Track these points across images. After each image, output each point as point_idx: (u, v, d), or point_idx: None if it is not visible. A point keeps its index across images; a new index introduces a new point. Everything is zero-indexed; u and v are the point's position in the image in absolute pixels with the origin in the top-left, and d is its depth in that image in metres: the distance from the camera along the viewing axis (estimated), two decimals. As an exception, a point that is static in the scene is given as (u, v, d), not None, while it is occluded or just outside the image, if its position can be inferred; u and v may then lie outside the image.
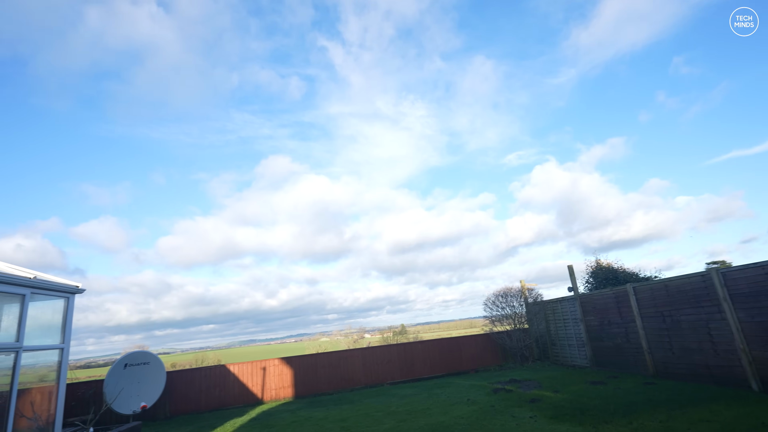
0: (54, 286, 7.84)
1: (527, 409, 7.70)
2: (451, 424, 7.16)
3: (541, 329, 14.50)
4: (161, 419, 11.11)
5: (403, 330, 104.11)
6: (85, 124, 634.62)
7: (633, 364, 10.38)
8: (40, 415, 7.58)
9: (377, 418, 8.29)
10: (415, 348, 14.29)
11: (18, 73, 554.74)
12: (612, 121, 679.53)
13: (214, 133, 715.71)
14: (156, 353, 11.26)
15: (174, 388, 11.61)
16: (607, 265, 12.70)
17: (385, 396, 10.91)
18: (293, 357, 13.17)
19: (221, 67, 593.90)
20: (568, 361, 13.22)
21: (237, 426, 9.05)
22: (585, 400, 7.82)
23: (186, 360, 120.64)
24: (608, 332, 11.29)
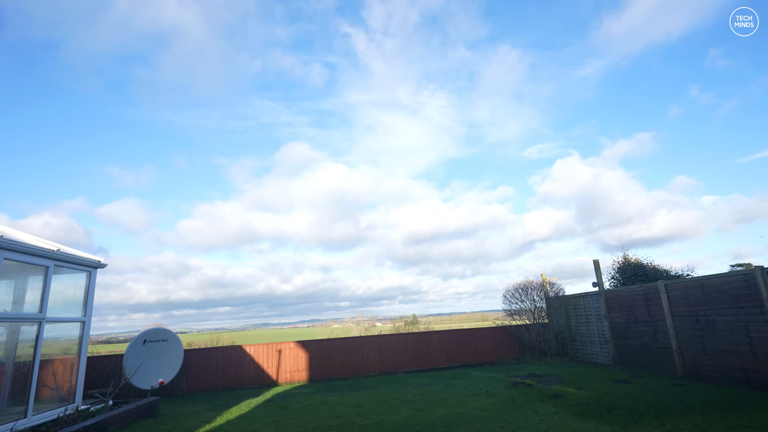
0: (77, 259, 7.87)
1: (550, 404, 7.43)
2: (470, 416, 6.96)
3: (561, 324, 14.13)
4: (178, 396, 11.25)
5: (414, 320, 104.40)
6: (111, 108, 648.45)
7: (660, 364, 9.97)
8: (62, 386, 7.68)
9: (394, 406, 8.16)
10: (431, 338, 14.11)
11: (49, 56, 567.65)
12: (640, 116, 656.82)
13: (234, 119, 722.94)
14: (174, 332, 11.35)
15: (191, 366, 11.72)
16: (635, 261, 12.21)
17: (401, 384, 10.79)
18: (308, 341, 13.15)
19: (245, 52, 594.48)
20: (589, 358, 12.85)
21: (253, 406, 9.05)
22: (611, 399, 7.51)
23: (202, 340, 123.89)
24: (634, 330, 10.87)
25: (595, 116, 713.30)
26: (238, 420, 7.85)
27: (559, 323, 14.19)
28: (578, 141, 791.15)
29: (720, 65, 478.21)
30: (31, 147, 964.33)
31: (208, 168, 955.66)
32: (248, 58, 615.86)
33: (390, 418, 7.23)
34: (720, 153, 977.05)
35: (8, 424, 6.07)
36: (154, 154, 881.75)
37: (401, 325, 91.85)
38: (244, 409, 8.77)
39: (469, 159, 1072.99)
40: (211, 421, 7.82)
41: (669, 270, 11.56)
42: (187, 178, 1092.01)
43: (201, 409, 9.05)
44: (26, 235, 7.44)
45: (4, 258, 6.32)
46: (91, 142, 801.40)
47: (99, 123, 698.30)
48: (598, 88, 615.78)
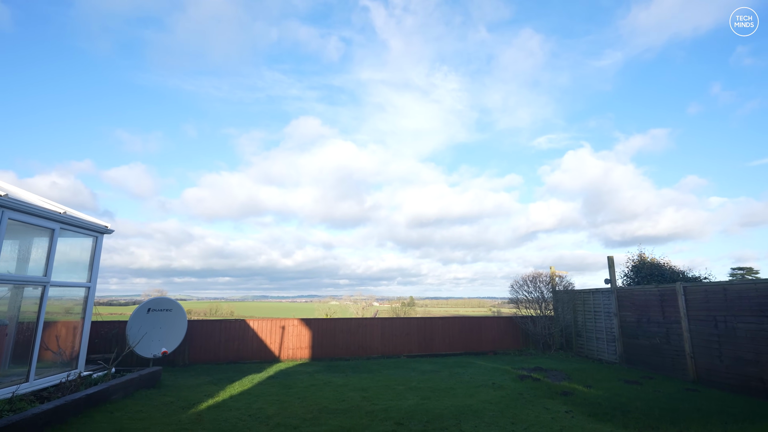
0: (83, 223, 7.63)
1: (560, 402, 7.27)
2: (479, 409, 6.81)
3: (568, 319, 13.96)
4: (180, 366, 11.21)
5: (411, 302, 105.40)
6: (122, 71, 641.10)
7: (670, 367, 9.78)
8: (65, 350, 7.55)
9: (399, 392, 8.02)
10: (435, 324, 13.99)
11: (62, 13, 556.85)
12: (658, 111, 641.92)
13: (244, 89, 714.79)
14: (173, 299, 11.23)
15: (194, 337, 11.65)
16: (651, 260, 11.90)
17: (405, 369, 10.68)
18: (312, 319, 13.04)
19: (262, 20, 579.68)
20: (594, 354, 12.71)
21: (255, 382, 8.95)
22: (624, 400, 7.33)
23: (201, 308, 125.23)
24: (645, 330, 10.66)
25: (613, 108, 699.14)
26: (242, 396, 7.74)
27: (566, 317, 14.02)
28: (592, 133, 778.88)
29: (746, 64, 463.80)
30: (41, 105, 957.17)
31: (216, 138, 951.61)
32: (265, 27, 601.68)
33: (396, 404, 7.09)
34: (734, 154, 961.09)
35: (10, 387, 5.94)
36: (164, 120, 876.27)
37: (398, 307, 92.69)
38: (247, 385, 8.67)
39: (477, 145, 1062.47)
40: (215, 395, 7.72)
41: (686, 271, 11.26)
42: (196, 147, 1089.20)
43: (204, 382, 8.97)
44: (33, 196, 7.18)
45: (9, 218, 6.06)
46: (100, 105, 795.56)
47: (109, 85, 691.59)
48: (617, 80, 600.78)
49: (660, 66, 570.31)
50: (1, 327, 6.94)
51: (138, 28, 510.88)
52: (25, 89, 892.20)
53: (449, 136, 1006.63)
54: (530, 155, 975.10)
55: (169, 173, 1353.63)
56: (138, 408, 6.71)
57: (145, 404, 6.96)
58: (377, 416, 6.41)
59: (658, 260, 11.86)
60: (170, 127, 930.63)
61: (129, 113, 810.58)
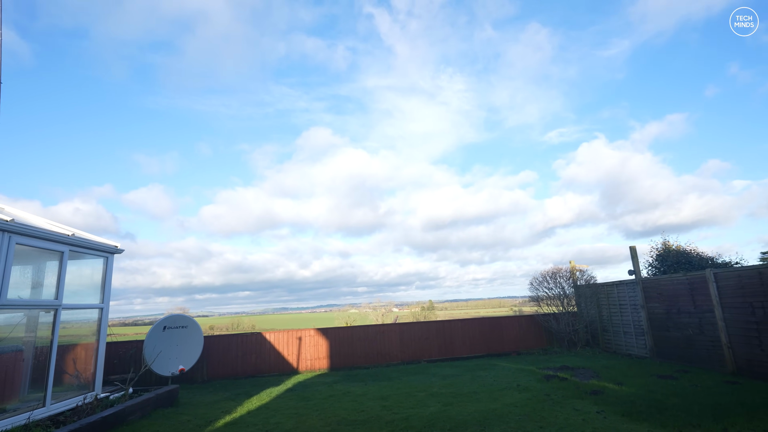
0: (92, 244, 7.62)
1: (590, 402, 6.88)
2: (504, 413, 6.48)
3: (592, 314, 13.45)
4: (199, 382, 11.13)
5: (431, 306, 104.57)
6: (135, 96, 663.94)
7: (706, 359, 9.26)
8: (81, 373, 7.52)
9: (420, 399, 7.75)
10: (454, 326, 13.64)
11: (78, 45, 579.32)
12: (673, 96, 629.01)
13: (253, 105, 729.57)
14: (195, 316, 11.19)
15: (211, 353, 11.58)
16: (677, 247, 11.37)
17: (425, 375, 10.38)
18: (329, 328, 12.86)
19: (269, 35, 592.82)
20: (623, 349, 12.18)
21: (273, 396, 8.79)
22: (659, 397, 6.91)
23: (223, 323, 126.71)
24: (676, 321, 10.15)
25: (626, 97, 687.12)
26: (259, 411, 7.57)
27: (590, 312, 13.52)
28: (605, 124, 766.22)
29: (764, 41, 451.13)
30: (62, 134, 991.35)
31: (230, 154, 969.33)
32: (272, 42, 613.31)
33: (417, 412, 6.82)
34: (757, 135, 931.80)
35: (24, 413, 5.89)
36: (178, 141, 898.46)
37: (418, 311, 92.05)
38: (265, 399, 8.51)
39: (487, 144, 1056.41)
40: (232, 411, 7.57)
41: (714, 258, 10.71)
42: (210, 165, 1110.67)
43: (221, 398, 8.85)
44: (41, 220, 7.21)
45: (17, 243, 6.06)
46: (117, 131, 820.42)
47: (125, 111, 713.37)
48: (628, 68, 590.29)
49: (672, 50, 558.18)
50: (17, 353, 6.95)
51: (150, 53, 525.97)
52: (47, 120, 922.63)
53: (458, 137, 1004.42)
54: (542, 150, 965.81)
55: (185, 192, 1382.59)
56: (155, 428, 6.59)
57: (162, 424, 6.84)
58: (398, 426, 6.16)
59: (684, 247, 11.32)
60: (185, 147, 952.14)
61: (145, 136, 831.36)
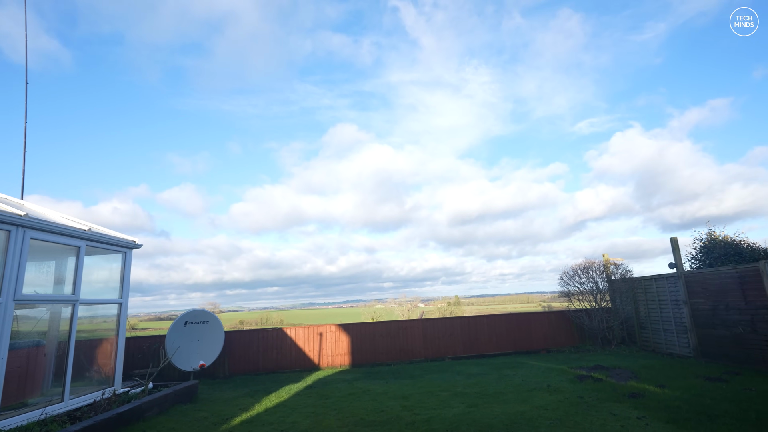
0: (110, 239, 7.58)
1: (629, 406, 6.30)
2: (533, 417, 6.01)
3: (628, 310, 12.64)
4: (221, 378, 11.12)
5: (457, 301, 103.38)
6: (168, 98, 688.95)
7: (760, 360, 8.43)
8: (101, 367, 7.52)
9: (443, 399, 7.35)
10: (480, 322, 13.13)
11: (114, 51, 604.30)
12: (716, 80, 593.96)
13: (278, 104, 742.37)
14: (226, 311, 11.21)
15: (232, 349, 11.55)
16: (724, 238, 10.44)
17: (449, 373, 9.97)
18: (350, 324, 12.62)
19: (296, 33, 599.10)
20: (662, 348, 11.36)
21: (293, 393, 8.60)
22: (708, 402, 6.25)
23: (252, 318, 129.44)
24: (724, 318, 9.31)
25: (664, 83, 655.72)
26: (277, 408, 7.38)
27: (625, 309, 12.71)
28: (641, 112, 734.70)
29: None
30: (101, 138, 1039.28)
31: (259, 152, 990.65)
32: (299, 40, 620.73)
33: (440, 414, 6.43)
34: None
35: (39, 409, 5.87)
36: (209, 141, 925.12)
37: (444, 306, 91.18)
38: (284, 396, 8.33)
39: (514, 136, 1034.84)
40: (249, 409, 7.41)
41: (767, 249, 9.74)
42: (240, 163, 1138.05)
43: (240, 394, 8.73)
44: (56, 214, 7.22)
45: (32, 238, 6.04)
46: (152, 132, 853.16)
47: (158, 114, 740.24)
48: (666, 53, 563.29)
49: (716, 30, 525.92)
50: (38, 347, 7.00)
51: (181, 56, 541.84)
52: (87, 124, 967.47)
53: (484, 130, 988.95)
54: (571, 141, 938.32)
55: (216, 191, 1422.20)
56: (171, 425, 6.49)
57: (178, 420, 6.74)
58: (418, 428, 5.79)
59: (733, 238, 10.37)
60: (215, 147, 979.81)
61: (177, 137, 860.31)
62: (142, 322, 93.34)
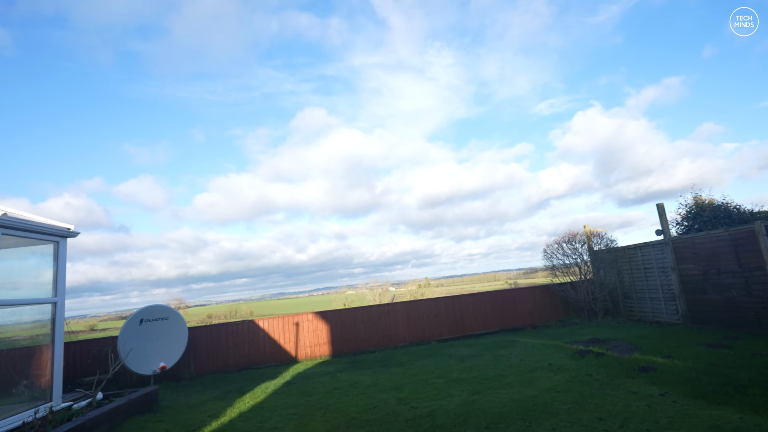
0: (33, 226, 6.20)
1: (644, 381, 5.80)
2: (547, 402, 5.37)
3: (612, 280, 12.43)
4: (186, 379, 9.95)
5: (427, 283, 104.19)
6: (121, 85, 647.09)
7: (755, 323, 8.26)
8: (34, 381, 6.24)
9: (441, 388, 6.62)
10: (465, 301, 12.56)
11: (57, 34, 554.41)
12: (670, 59, 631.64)
13: (238, 90, 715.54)
14: (193, 306, 9.97)
15: (198, 346, 10.37)
16: (710, 201, 10.24)
17: (440, 357, 9.29)
18: (329, 311, 11.70)
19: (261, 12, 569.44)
20: (649, 316, 11.21)
21: (270, 391, 7.63)
22: (725, 371, 5.84)
23: (221, 312, 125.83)
24: (715, 283, 9.11)
25: (624, 62, 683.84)
26: (253, 412, 6.41)
27: (609, 279, 12.49)
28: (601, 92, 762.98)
29: None
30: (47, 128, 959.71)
31: (223, 140, 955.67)
32: (265, 19, 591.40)
33: (442, 405, 5.69)
34: (750, 95, 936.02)
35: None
36: (168, 130, 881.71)
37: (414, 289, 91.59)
38: (260, 396, 7.35)
39: (478, 118, 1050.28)
40: (220, 415, 6.39)
41: (754, 210, 9.60)
42: (203, 152, 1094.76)
43: (209, 398, 7.67)
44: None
45: None
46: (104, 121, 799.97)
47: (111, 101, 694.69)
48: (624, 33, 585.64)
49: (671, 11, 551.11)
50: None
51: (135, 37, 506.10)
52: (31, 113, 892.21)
53: (449, 113, 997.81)
54: (533, 122, 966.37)
55: (178, 181, 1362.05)
56: (123, 444, 5.40)
57: (133, 437, 5.65)
58: (421, 425, 5.01)
59: (719, 201, 10.19)
60: (176, 135, 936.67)
61: (133, 127, 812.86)
62: (102, 323, 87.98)
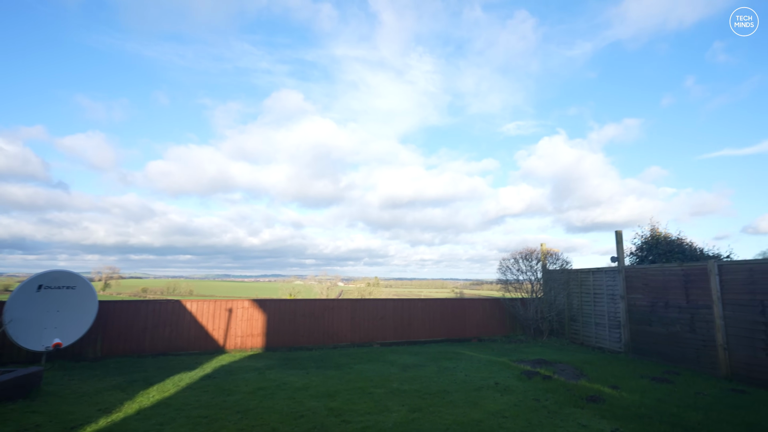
0: None
1: (594, 413, 5.45)
2: (492, 428, 4.85)
3: (561, 301, 12.41)
4: (89, 360, 8.64)
5: (376, 282, 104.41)
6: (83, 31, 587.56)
7: (694, 360, 8.31)
8: None
9: (378, 399, 5.96)
10: (414, 306, 12.04)
11: None
12: (634, 101, 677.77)
13: (210, 59, 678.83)
14: (128, 277, 8.72)
15: (110, 323, 9.07)
16: (665, 235, 10.37)
17: (381, 363, 8.65)
18: (268, 300, 10.73)
19: None
20: (592, 342, 11.23)
21: (182, 385, 6.62)
22: (674, 410, 5.61)
23: (158, 287, 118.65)
24: (662, 316, 9.15)
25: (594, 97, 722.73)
26: (155, 410, 5.42)
27: (558, 300, 12.46)
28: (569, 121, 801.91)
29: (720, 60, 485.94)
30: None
31: (190, 108, 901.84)
32: None
33: (377, 422, 5.02)
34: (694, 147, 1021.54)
35: None
36: (129, 87, 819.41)
37: (363, 286, 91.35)
38: (169, 390, 6.33)
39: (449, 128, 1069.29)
40: (113, 410, 5.35)
41: (704, 249, 9.80)
42: (165, 117, 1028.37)
43: (108, 386, 6.54)
44: None
45: None
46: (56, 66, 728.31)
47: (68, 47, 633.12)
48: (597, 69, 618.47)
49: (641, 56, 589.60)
50: None
51: None
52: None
53: (422, 118, 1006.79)
54: (499, 141, 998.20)
55: (132, 144, 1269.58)
56: (-27, 439, 4.26)
57: (-10, 431, 4.51)
58: (350, 446, 4.31)
59: (674, 237, 10.35)
60: (138, 95, 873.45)
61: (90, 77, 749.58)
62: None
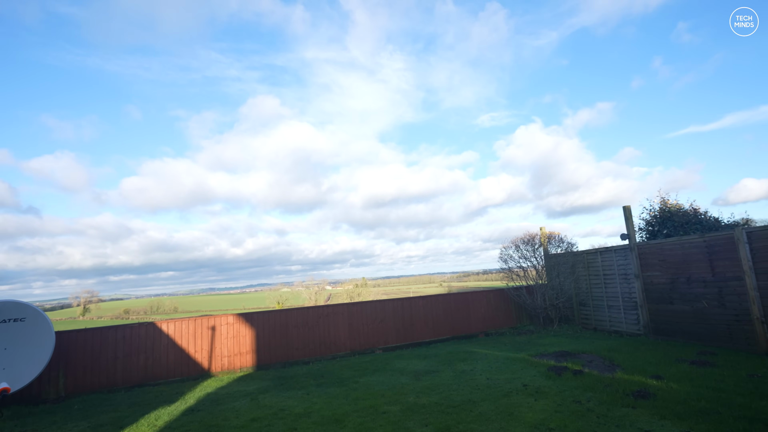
0: None
1: (650, 412, 4.65)
2: (541, 446, 3.98)
3: (567, 286, 11.73)
4: (51, 401, 7.42)
5: (364, 283, 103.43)
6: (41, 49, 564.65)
7: (726, 337, 7.69)
8: None
9: (395, 420, 5.02)
10: (415, 305, 11.16)
11: None
12: (605, 85, 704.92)
13: (176, 70, 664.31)
14: (108, 299, 7.46)
15: (73, 356, 7.85)
16: (676, 206, 9.74)
17: (389, 372, 7.71)
18: (255, 313, 9.65)
19: None
20: (606, 326, 10.58)
21: (159, 426, 5.53)
22: (740, 400, 4.85)
23: (140, 306, 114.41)
24: (684, 293, 8.52)
25: (567, 84, 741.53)
26: (124, 464, 4.34)
27: (564, 284, 11.78)
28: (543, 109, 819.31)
29: (684, 40, 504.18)
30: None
31: (163, 121, 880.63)
32: None
33: (401, 453, 4.08)
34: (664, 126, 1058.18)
35: None
36: (98, 103, 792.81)
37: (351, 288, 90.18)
38: (144, 434, 5.25)
39: (425, 124, 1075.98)
40: (70, 471, 4.25)
41: (720, 218, 9.21)
42: (138, 132, 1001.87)
43: (67, 436, 5.40)
44: None
45: None
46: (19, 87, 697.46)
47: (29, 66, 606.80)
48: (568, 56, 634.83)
49: (612, 41, 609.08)
50: None
51: None
52: None
53: (397, 116, 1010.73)
54: (474, 133, 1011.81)
55: (104, 162, 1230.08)
56: None
57: None
58: (376, 493, 3.37)
59: (686, 207, 9.73)
60: (107, 111, 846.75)
61: (55, 96, 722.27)
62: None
